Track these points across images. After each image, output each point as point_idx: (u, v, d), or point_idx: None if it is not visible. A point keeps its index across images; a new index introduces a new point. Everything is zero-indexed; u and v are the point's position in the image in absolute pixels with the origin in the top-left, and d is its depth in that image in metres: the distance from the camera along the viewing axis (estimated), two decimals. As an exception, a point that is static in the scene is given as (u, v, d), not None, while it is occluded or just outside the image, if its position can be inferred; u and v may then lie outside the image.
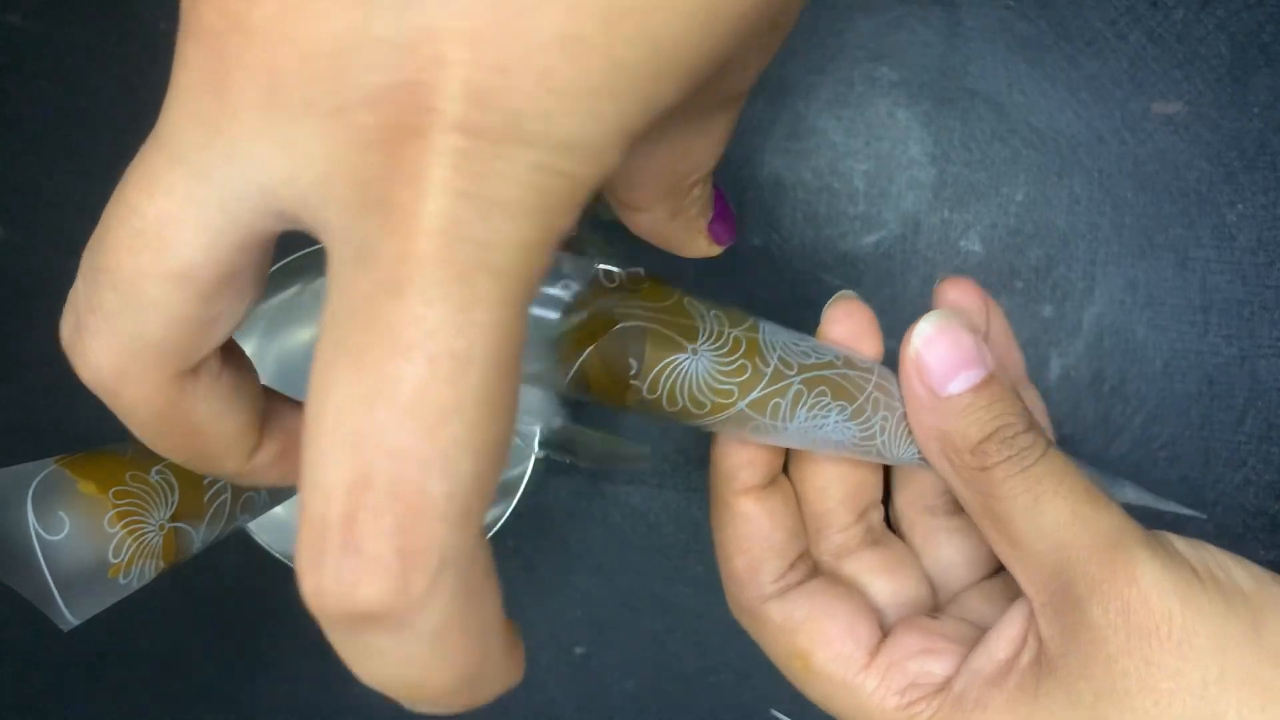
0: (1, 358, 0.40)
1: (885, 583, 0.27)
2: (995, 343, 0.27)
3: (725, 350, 0.22)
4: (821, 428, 0.24)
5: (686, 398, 0.22)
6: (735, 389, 0.23)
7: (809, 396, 0.23)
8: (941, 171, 0.36)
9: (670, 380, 0.22)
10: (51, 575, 0.17)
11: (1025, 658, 0.22)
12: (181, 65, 0.14)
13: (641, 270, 0.22)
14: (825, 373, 0.24)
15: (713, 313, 0.23)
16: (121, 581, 0.18)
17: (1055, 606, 0.22)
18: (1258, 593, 0.21)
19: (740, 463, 0.25)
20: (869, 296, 0.37)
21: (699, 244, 0.23)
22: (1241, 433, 0.36)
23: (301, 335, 0.35)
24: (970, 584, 0.28)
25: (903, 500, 0.29)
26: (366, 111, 0.12)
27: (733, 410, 0.23)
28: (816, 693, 0.25)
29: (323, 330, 0.13)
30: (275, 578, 0.34)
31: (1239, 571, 0.22)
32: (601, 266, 0.22)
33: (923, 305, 0.37)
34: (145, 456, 0.19)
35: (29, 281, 0.39)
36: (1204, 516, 0.30)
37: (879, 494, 0.28)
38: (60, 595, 0.17)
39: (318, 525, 0.12)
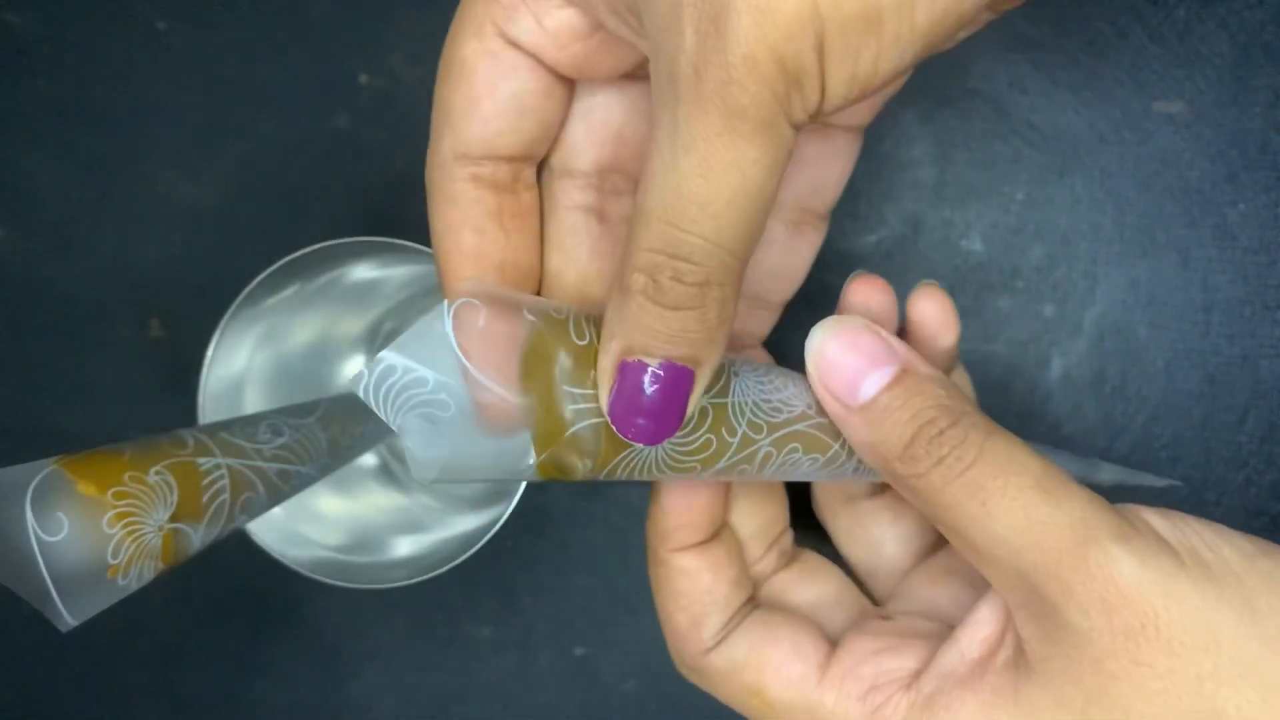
0: (1, 358, 0.40)
1: (812, 590, 0.26)
2: (925, 331, 0.26)
3: (689, 428, 0.20)
4: (790, 475, 0.23)
5: (642, 475, 0.21)
6: (698, 465, 0.21)
7: (779, 456, 0.22)
8: (942, 171, 0.36)
9: (627, 469, 0.20)
10: (50, 576, 0.17)
11: (1001, 657, 0.21)
12: None
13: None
14: (798, 427, 0.22)
15: None
16: (120, 582, 0.18)
17: (1030, 609, 0.20)
18: (1249, 571, 0.19)
19: (680, 523, 0.24)
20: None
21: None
22: (1243, 433, 0.36)
23: (301, 335, 0.34)
24: (910, 566, 0.27)
25: (822, 495, 0.29)
26: None
27: (693, 479, 0.22)
28: None
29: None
30: (275, 578, 0.34)
31: (1226, 548, 0.20)
32: (570, 315, 0.20)
33: (923, 305, 0.37)
34: (144, 457, 0.19)
35: (29, 281, 0.39)
36: (1180, 484, 0.29)
37: (787, 519, 0.27)
38: (59, 596, 0.17)
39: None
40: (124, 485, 0.18)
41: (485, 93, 0.21)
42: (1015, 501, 0.19)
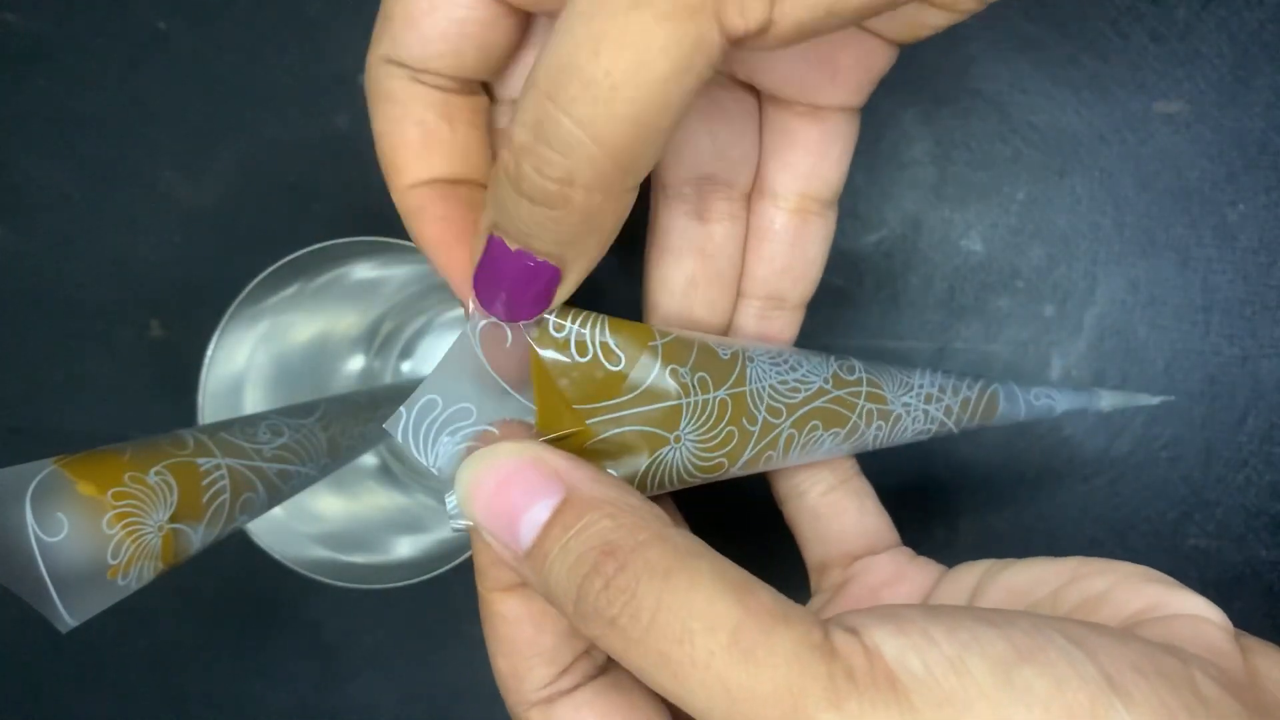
0: (1, 358, 0.40)
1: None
2: None
3: (710, 423, 0.20)
4: (813, 455, 0.23)
5: (675, 482, 0.21)
6: (724, 460, 0.21)
7: (801, 436, 0.22)
8: (943, 171, 0.36)
9: (655, 475, 0.20)
10: (50, 576, 0.17)
11: None
12: None
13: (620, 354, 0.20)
14: (817, 403, 0.22)
15: (698, 376, 0.20)
16: (120, 583, 0.18)
17: None
18: (1004, 689, 0.16)
19: (495, 558, 0.20)
20: (869, 296, 0.37)
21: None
22: (1243, 433, 0.36)
23: (301, 334, 0.35)
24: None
25: (780, 487, 0.28)
26: None
27: (724, 476, 0.21)
28: None
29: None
30: (275, 578, 0.34)
31: (978, 663, 0.16)
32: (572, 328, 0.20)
33: (923, 305, 0.37)
34: (144, 457, 0.19)
35: (29, 281, 0.39)
36: (1174, 398, 0.31)
37: None
38: (59, 596, 0.17)
39: None
40: (124, 485, 0.18)
41: (425, 10, 0.20)
42: (709, 672, 0.16)
